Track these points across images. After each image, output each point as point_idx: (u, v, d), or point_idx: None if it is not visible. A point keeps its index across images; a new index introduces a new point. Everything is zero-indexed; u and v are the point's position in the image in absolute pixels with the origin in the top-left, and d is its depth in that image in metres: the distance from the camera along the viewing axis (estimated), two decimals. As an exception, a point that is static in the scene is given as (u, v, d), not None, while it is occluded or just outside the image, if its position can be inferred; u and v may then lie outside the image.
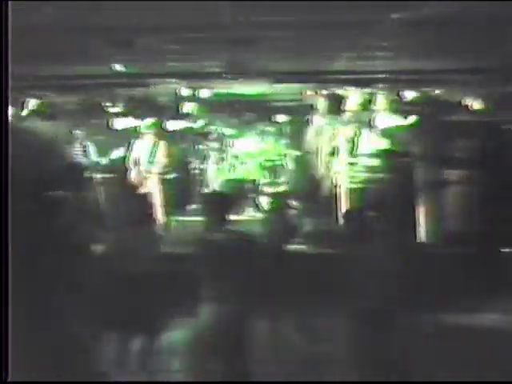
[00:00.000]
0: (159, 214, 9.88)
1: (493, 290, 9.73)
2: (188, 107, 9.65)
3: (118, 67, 7.42)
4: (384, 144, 11.34)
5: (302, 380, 6.02)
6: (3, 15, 3.49)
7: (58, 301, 5.04)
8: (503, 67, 7.02)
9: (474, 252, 10.08)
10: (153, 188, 10.08)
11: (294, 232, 10.80)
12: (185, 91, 8.81)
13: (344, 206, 10.90)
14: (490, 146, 10.76)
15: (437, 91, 9.37)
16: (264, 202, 9.93)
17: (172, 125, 9.58)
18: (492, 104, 8.25)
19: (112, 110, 10.13)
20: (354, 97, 9.77)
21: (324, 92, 9.19)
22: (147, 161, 10.22)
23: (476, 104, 8.47)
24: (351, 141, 11.19)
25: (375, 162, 11.27)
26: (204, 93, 8.82)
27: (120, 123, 10.23)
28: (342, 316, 7.32)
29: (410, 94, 9.36)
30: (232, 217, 10.48)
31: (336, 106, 9.22)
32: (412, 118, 10.78)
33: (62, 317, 4.99)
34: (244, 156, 11.32)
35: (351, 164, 11.13)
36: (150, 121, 9.76)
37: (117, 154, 10.04)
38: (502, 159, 10.51)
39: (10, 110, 5.63)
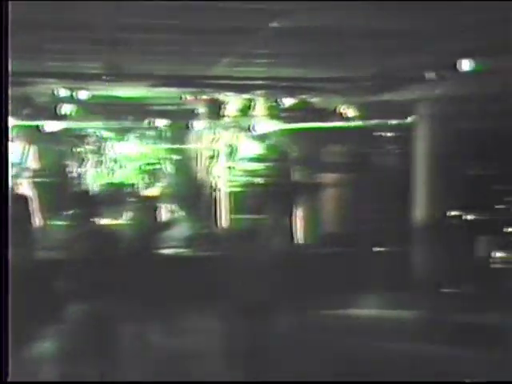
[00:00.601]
0: (36, 218, 9.61)
1: (365, 286, 10.24)
2: (66, 109, 9.38)
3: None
4: (263, 149, 11.62)
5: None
6: (3, 15, 3.57)
7: None
8: (375, 77, 7.33)
9: (348, 252, 10.55)
10: (28, 192, 9.79)
11: (172, 236, 10.86)
12: (63, 92, 8.57)
13: (224, 209, 11.12)
14: (362, 151, 11.26)
15: (313, 99, 9.61)
16: (142, 205, 9.84)
17: (49, 126, 9.27)
18: (365, 112, 8.56)
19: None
20: (233, 102, 9.95)
21: (204, 97, 9.22)
22: (19, 164, 9.92)
23: (350, 111, 8.75)
24: (231, 145, 11.37)
25: (254, 166, 11.51)
26: (82, 94, 8.62)
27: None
28: (215, 315, 7.52)
29: (288, 101, 9.54)
30: (108, 220, 10.45)
31: (216, 111, 9.25)
32: (290, 124, 11.14)
33: None
34: (123, 160, 11.15)
35: (231, 168, 11.33)
36: (23, 123, 9.47)
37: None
38: (374, 164, 11.03)
39: None
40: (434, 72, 6.89)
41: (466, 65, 6.33)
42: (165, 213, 9.45)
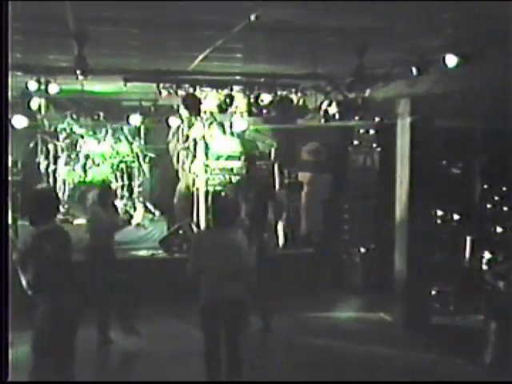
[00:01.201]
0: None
1: (343, 288, 10.28)
2: (35, 103, 9.19)
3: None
4: (241, 146, 11.55)
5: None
6: (3, 15, 3.65)
7: None
8: (355, 74, 7.30)
9: (326, 252, 10.59)
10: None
11: (147, 237, 10.75)
12: (32, 86, 8.39)
13: (202, 209, 11.00)
14: (343, 149, 11.27)
15: (293, 95, 9.55)
16: (116, 205, 9.73)
17: (17, 122, 9.07)
18: (345, 109, 8.55)
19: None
20: (210, 98, 9.78)
21: (180, 93, 9.13)
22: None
23: (330, 109, 8.70)
24: (208, 143, 11.32)
25: (233, 164, 11.44)
26: (53, 88, 8.44)
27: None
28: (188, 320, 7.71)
29: (267, 98, 9.49)
30: (79, 221, 10.29)
31: (193, 107, 9.17)
32: (269, 121, 11.10)
33: None
34: (96, 157, 10.96)
35: (208, 166, 11.26)
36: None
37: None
38: (355, 162, 11.04)
39: None
40: (417, 68, 6.85)
41: (450, 60, 6.30)
42: (139, 213, 9.30)
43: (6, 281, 3.75)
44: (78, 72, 6.50)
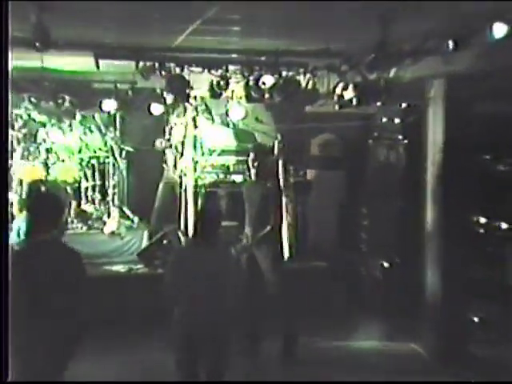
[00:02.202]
0: None
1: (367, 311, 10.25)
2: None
3: None
4: (238, 139, 11.50)
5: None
6: (3, 15, 4.23)
7: None
8: (377, 49, 7.19)
9: (346, 267, 10.56)
10: None
11: (123, 249, 10.68)
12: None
13: (190, 214, 10.84)
14: (361, 141, 11.19)
15: (301, 77, 9.37)
16: (88, 209, 9.77)
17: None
18: (365, 93, 8.50)
19: None
20: (201, 81, 9.62)
21: (164, 73, 9.03)
22: None
23: (346, 93, 8.63)
24: (198, 135, 11.23)
25: (228, 160, 11.33)
26: (6, 64, 8.32)
27: None
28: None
29: (269, 80, 9.36)
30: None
31: (180, 90, 9.03)
32: (272, 109, 10.99)
33: None
34: (61, 151, 10.86)
35: (198, 163, 11.15)
36: None
37: None
38: (375, 157, 10.93)
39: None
40: (455, 41, 6.72)
41: (498, 30, 6.09)
42: (114, 219, 9.26)
43: (6, 281, 4.29)
44: (36, 44, 6.38)
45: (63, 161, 10.94)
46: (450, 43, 6.82)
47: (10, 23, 4.97)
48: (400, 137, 10.59)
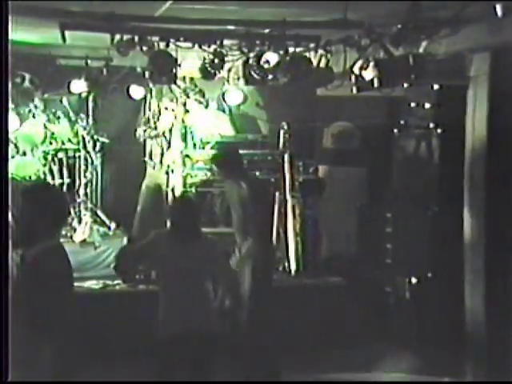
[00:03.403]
0: None
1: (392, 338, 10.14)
2: None
3: None
4: (236, 128, 11.60)
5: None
6: (3, 15, 4.58)
7: None
8: (407, 19, 7.21)
9: (366, 283, 10.54)
10: None
11: (98, 261, 10.57)
12: None
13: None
14: (386, 130, 11.04)
15: (312, 53, 9.40)
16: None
17: None
18: (390, 72, 8.45)
19: None
20: (191, 58, 9.72)
21: (146, 49, 8.94)
22: None
23: (367, 73, 8.62)
24: (188, 123, 11.33)
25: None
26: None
27: None
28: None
29: (273, 57, 9.30)
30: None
31: (165, 69, 9.00)
32: (276, 91, 10.87)
33: None
34: (21, 142, 10.77)
35: (187, 157, 11.22)
36: None
37: None
38: (402, 151, 10.78)
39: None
40: (503, 6, 6.67)
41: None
42: (86, 225, 9.12)
43: (6, 281, 4.72)
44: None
45: (24, 154, 10.91)
46: (498, 8, 6.82)
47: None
48: (432, 125, 10.37)
